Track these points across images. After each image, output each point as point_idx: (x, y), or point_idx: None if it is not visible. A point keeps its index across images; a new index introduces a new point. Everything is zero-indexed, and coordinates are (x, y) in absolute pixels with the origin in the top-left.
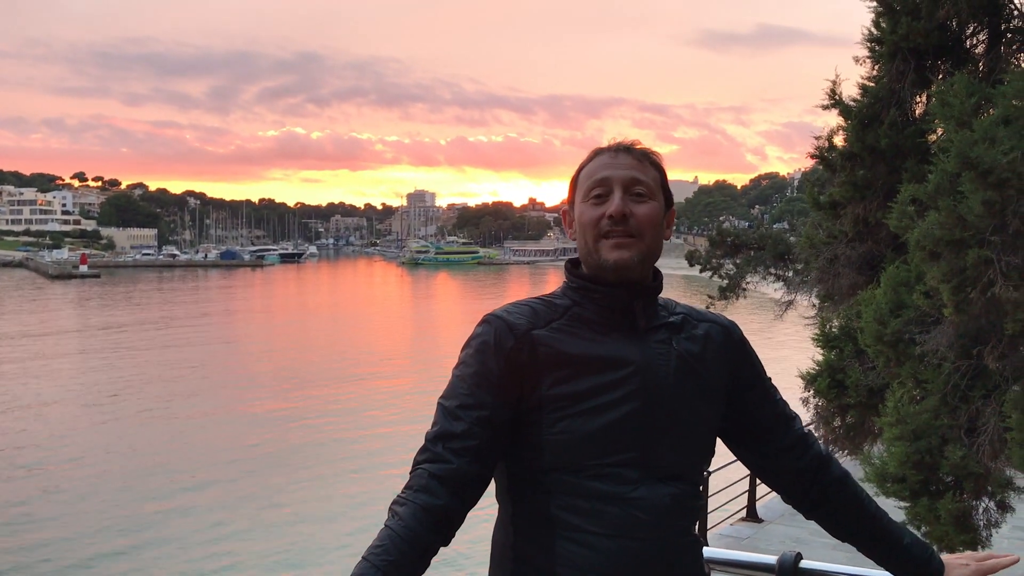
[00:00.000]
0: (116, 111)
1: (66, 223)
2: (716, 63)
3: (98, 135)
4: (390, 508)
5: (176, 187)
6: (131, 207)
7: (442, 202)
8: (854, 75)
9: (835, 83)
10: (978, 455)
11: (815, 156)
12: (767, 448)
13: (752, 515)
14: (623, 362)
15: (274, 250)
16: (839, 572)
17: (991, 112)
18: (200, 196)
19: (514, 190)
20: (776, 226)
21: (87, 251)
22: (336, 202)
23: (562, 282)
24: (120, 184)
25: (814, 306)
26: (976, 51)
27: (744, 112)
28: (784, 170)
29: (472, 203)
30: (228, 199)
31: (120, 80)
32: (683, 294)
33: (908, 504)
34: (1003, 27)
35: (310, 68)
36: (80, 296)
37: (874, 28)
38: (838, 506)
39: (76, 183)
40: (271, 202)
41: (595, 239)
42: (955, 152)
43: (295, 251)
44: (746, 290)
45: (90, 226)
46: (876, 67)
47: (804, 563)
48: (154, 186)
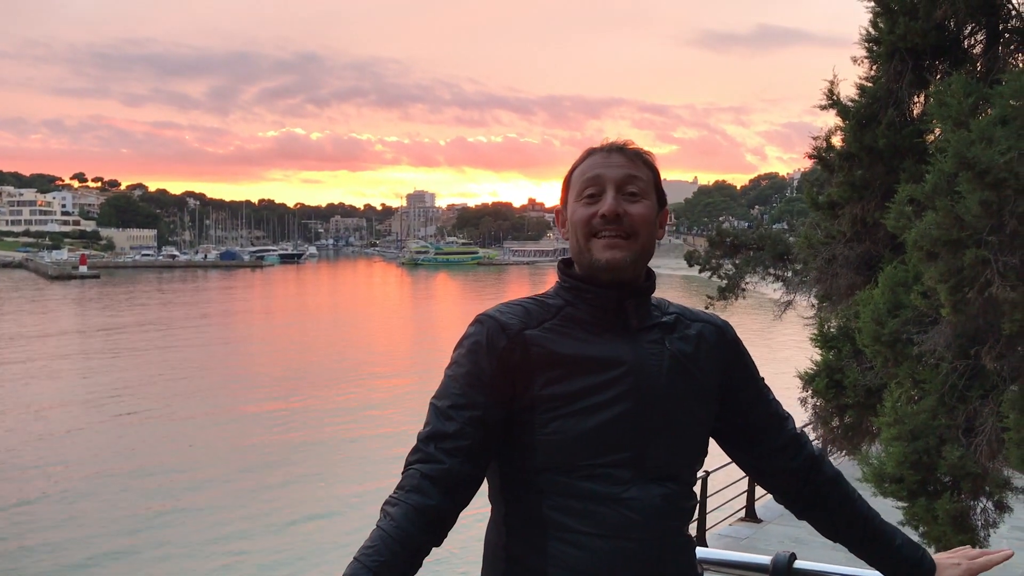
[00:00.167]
0: (116, 112)
1: (66, 224)
2: (716, 63)
3: (98, 136)
4: (382, 508)
5: (176, 188)
6: (131, 208)
7: (442, 202)
8: (852, 75)
9: (833, 83)
10: (976, 455)
11: (813, 156)
12: (760, 448)
13: (751, 515)
14: (615, 362)
15: (274, 251)
16: (833, 572)
17: (988, 112)
18: (200, 197)
19: (514, 190)
20: (775, 226)
21: (87, 252)
22: (336, 203)
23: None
24: (120, 185)
25: (813, 306)
26: (974, 51)
27: (744, 112)
28: (784, 170)
29: (472, 203)
30: (228, 200)
31: (120, 81)
32: (682, 294)
33: (906, 504)
34: (1001, 27)
35: (310, 68)
36: (80, 297)
37: (872, 28)
38: (831, 506)
39: (76, 184)
40: (271, 203)
41: (587, 238)
42: (952, 152)
43: (295, 252)
44: (745, 290)
45: (90, 227)
46: (874, 67)
47: (798, 563)
48: (154, 187)
